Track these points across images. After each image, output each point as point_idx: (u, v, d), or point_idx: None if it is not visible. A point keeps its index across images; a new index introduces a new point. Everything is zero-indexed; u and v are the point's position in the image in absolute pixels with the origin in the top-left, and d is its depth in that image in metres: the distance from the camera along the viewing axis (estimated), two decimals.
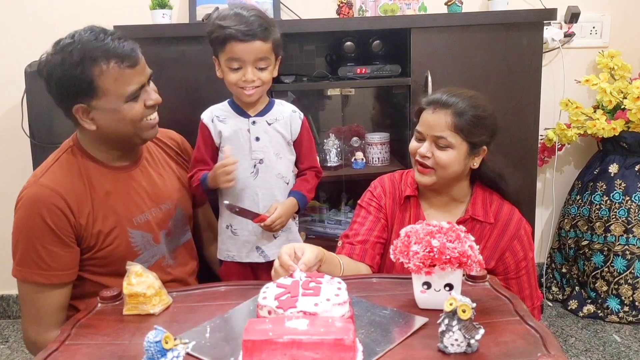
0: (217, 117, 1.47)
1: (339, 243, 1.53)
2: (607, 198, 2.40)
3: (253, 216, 1.39)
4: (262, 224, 1.41)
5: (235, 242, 1.49)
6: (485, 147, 1.43)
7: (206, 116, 1.49)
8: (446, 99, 1.38)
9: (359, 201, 1.56)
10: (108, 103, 1.28)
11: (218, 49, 1.41)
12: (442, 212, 1.48)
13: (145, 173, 1.47)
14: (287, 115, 1.50)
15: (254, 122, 1.47)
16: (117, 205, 1.38)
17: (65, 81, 1.26)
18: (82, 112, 1.30)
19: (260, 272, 1.52)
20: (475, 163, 1.44)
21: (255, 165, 1.46)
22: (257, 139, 1.46)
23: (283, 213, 1.43)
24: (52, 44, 1.29)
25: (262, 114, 1.48)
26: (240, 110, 1.47)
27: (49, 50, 1.29)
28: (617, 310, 2.39)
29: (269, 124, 1.48)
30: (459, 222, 1.43)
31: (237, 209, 1.38)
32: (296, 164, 1.56)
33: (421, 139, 1.42)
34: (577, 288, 2.54)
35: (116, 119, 1.31)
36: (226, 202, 1.41)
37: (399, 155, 2.29)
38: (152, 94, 1.36)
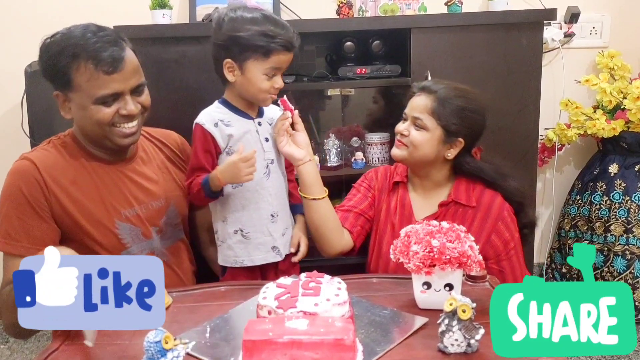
0: (221, 120, 1.41)
1: None
2: (607, 198, 2.40)
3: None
4: (296, 259, 1.50)
5: (246, 247, 1.45)
6: (461, 140, 1.46)
7: (206, 121, 1.40)
8: (432, 85, 1.49)
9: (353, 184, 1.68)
10: (79, 99, 1.32)
11: (253, 55, 1.35)
12: (426, 197, 1.54)
13: (139, 170, 1.47)
14: (278, 115, 1.50)
15: (259, 123, 1.46)
16: (107, 197, 1.40)
17: (47, 67, 1.33)
18: (61, 99, 1.36)
19: (269, 272, 1.50)
20: (450, 153, 1.48)
21: (267, 166, 1.45)
22: (267, 139, 1.46)
23: (304, 235, 1.52)
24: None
25: (260, 115, 1.48)
26: (242, 112, 1.46)
27: (50, 33, 1.34)
28: None
29: (269, 124, 1.48)
30: (441, 205, 1.49)
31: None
32: None
33: (405, 120, 1.52)
34: None
35: (84, 116, 1.34)
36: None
37: None
38: (129, 105, 1.33)
